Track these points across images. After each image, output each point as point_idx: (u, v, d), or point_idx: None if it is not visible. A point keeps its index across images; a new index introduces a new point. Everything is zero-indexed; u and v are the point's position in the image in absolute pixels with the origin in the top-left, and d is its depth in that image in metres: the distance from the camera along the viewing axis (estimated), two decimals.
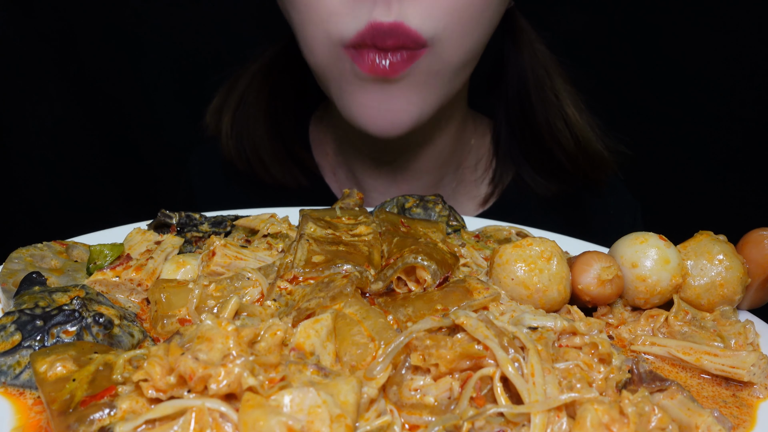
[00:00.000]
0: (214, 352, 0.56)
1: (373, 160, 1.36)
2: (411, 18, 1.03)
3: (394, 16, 1.02)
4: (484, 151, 1.45)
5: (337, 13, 1.05)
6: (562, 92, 1.31)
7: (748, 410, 0.71)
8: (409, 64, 1.06)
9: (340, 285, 0.74)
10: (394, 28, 1.02)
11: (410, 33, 1.03)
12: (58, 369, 0.61)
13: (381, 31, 1.02)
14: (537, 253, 0.79)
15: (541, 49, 1.32)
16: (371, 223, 0.89)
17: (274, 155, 1.38)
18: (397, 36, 1.03)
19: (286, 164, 1.40)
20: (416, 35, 1.03)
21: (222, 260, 0.82)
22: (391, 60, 1.05)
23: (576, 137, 1.30)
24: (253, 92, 1.37)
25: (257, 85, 1.37)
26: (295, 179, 1.41)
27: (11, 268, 0.81)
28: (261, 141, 1.36)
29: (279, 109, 1.39)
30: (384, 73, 1.06)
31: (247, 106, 1.37)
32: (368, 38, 1.04)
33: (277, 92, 1.39)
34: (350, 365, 0.65)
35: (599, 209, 1.46)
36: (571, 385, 0.60)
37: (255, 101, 1.37)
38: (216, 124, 1.40)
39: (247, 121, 1.36)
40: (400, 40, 1.03)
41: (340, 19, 1.06)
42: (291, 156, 1.41)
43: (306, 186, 1.42)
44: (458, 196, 1.44)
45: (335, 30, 1.07)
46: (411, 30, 1.03)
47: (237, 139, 1.37)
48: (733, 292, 0.82)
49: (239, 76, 1.40)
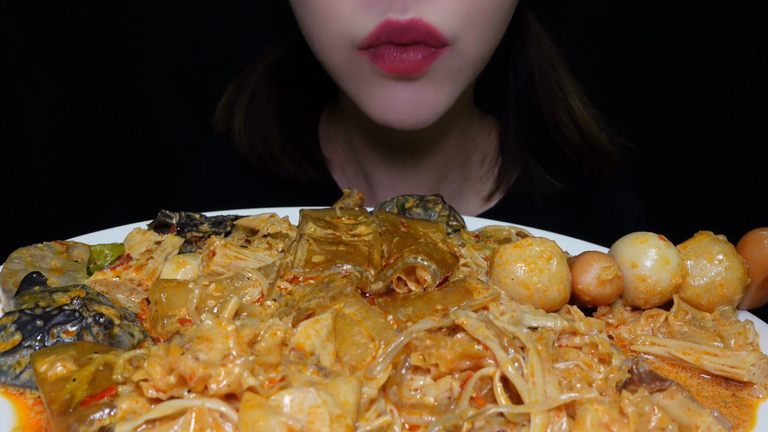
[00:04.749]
0: (214, 352, 0.56)
1: (381, 156, 1.37)
2: (430, 16, 1.02)
3: (411, 15, 1.02)
4: (490, 148, 1.45)
5: (350, 16, 1.05)
6: (567, 86, 1.32)
7: (748, 410, 0.71)
8: (430, 61, 1.06)
9: (340, 285, 0.74)
10: (411, 24, 1.02)
11: (430, 29, 1.03)
12: (59, 369, 0.61)
13: (397, 27, 1.02)
14: (537, 253, 0.79)
15: (547, 44, 1.32)
16: (371, 223, 0.89)
17: (285, 151, 1.39)
18: (415, 31, 1.02)
19: (297, 160, 1.41)
20: (436, 32, 1.03)
21: (222, 260, 0.82)
22: (411, 57, 1.04)
23: (581, 130, 1.31)
24: (264, 89, 1.38)
25: (267, 81, 1.38)
26: (305, 174, 1.42)
27: (11, 268, 0.81)
28: (272, 137, 1.37)
29: (289, 105, 1.40)
30: (406, 71, 1.06)
31: (257, 103, 1.37)
32: (383, 36, 1.03)
33: (287, 88, 1.40)
34: (350, 365, 0.65)
35: (604, 207, 1.46)
36: (571, 385, 0.60)
37: (265, 98, 1.38)
38: (226, 120, 1.41)
39: (258, 117, 1.37)
40: (419, 35, 1.03)
41: (353, 21, 1.05)
42: (301, 151, 1.42)
43: (316, 181, 1.43)
44: (464, 193, 1.44)
45: (348, 32, 1.06)
46: (430, 26, 1.02)
47: (249, 134, 1.38)
48: (733, 292, 0.82)
49: (250, 73, 1.41)
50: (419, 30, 1.02)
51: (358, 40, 1.06)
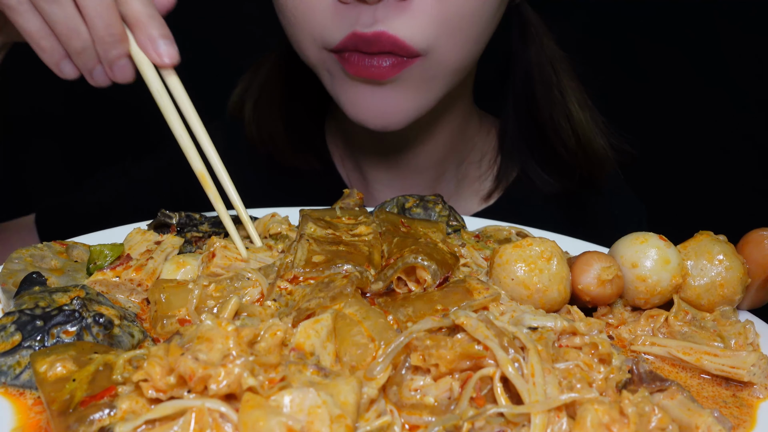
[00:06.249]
0: (214, 352, 0.56)
1: (376, 153, 1.38)
2: (398, 30, 1.02)
3: (377, 28, 1.01)
4: (489, 148, 1.45)
5: (321, 23, 1.06)
6: (567, 89, 1.31)
7: (749, 410, 0.71)
8: (398, 69, 1.06)
9: (340, 285, 0.74)
10: (377, 36, 1.02)
11: (396, 41, 1.02)
12: (58, 369, 0.61)
13: (363, 39, 1.02)
14: (537, 253, 0.79)
15: (549, 45, 1.32)
16: (371, 223, 0.89)
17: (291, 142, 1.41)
18: (381, 43, 1.02)
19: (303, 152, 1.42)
20: (404, 44, 1.03)
21: (222, 262, 0.82)
22: (377, 63, 1.05)
23: (578, 135, 1.31)
24: (272, 81, 1.40)
25: (275, 74, 1.40)
26: (311, 166, 1.44)
27: (11, 268, 0.80)
28: (277, 128, 1.39)
29: (296, 99, 1.42)
30: (372, 76, 1.06)
31: (266, 95, 1.39)
32: (350, 45, 1.04)
33: (294, 82, 1.41)
34: (350, 365, 0.65)
35: (603, 208, 1.46)
36: (571, 385, 0.60)
37: (272, 90, 1.39)
38: (239, 110, 1.43)
39: (265, 109, 1.40)
40: (386, 47, 1.03)
41: (324, 28, 1.06)
42: (308, 145, 1.44)
43: (321, 172, 1.45)
44: (462, 192, 1.44)
45: (320, 37, 1.08)
46: (397, 39, 1.02)
47: (258, 124, 1.40)
48: (733, 293, 0.82)
49: (260, 65, 1.42)
50: (385, 42, 1.02)
51: (329, 44, 1.07)
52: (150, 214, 0.98)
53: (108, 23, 0.77)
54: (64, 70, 0.84)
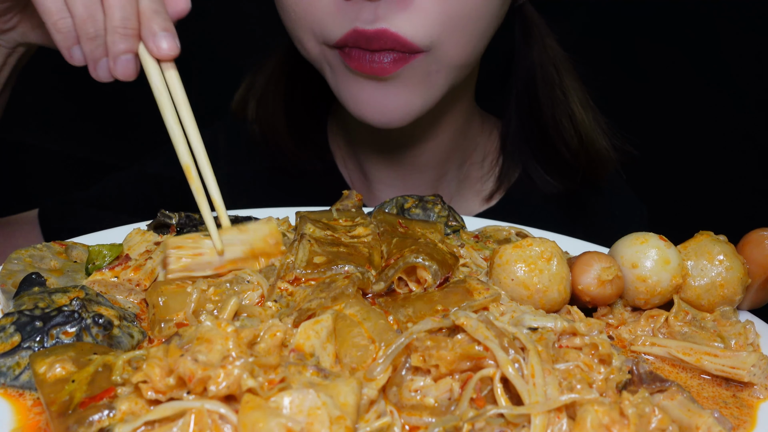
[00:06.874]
0: (214, 353, 0.56)
1: (379, 152, 1.38)
2: (400, 27, 1.02)
3: (379, 25, 1.02)
4: (491, 148, 1.45)
5: (322, 20, 1.06)
6: (569, 89, 1.31)
7: (749, 411, 0.70)
8: (400, 65, 1.06)
9: (341, 286, 0.74)
10: (378, 33, 1.02)
11: (398, 38, 1.02)
12: (58, 370, 0.61)
13: (365, 36, 1.02)
14: (537, 253, 0.79)
15: (552, 45, 1.31)
16: (369, 224, 0.89)
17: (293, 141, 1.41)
18: (383, 40, 1.02)
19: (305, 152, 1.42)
20: (405, 41, 1.03)
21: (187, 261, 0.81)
22: (379, 59, 1.05)
23: (580, 135, 1.30)
24: (275, 81, 1.40)
25: (278, 74, 1.40)
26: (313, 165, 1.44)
27: (10, 268, 0.80)
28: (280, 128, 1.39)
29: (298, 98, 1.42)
30: (374, 72, 1.06)
31: (268, 94, 1.40)
32: (351, 42, 1.04)
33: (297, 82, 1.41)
34: (350, 366, 0.65)
35: (603, 208, 1.46)
36: (572, 386, 0.60)
37: (275, 89, 1.40)
38: (242, 109, 1.43)
39: (268, 108, 1.40)
40: (387, 44, 1.03)
41: (324, 25, 1.07)
42: (310, 144, 1.44)
43: (323, 172, 1.45)
44: (464, 192, 1.44)
45: (320, 33, 1.08)
46: (399, 36, 1.02)
47: (260, 123, 1.40)
48: (733, 293, 0.82)
49: (263, 65, 1.42)
50: (386, 39, 1.02)
51: (330, 40, 1.07)
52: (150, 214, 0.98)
53: (125, 16, 0.77)
54: (74, 55, 0.83)
